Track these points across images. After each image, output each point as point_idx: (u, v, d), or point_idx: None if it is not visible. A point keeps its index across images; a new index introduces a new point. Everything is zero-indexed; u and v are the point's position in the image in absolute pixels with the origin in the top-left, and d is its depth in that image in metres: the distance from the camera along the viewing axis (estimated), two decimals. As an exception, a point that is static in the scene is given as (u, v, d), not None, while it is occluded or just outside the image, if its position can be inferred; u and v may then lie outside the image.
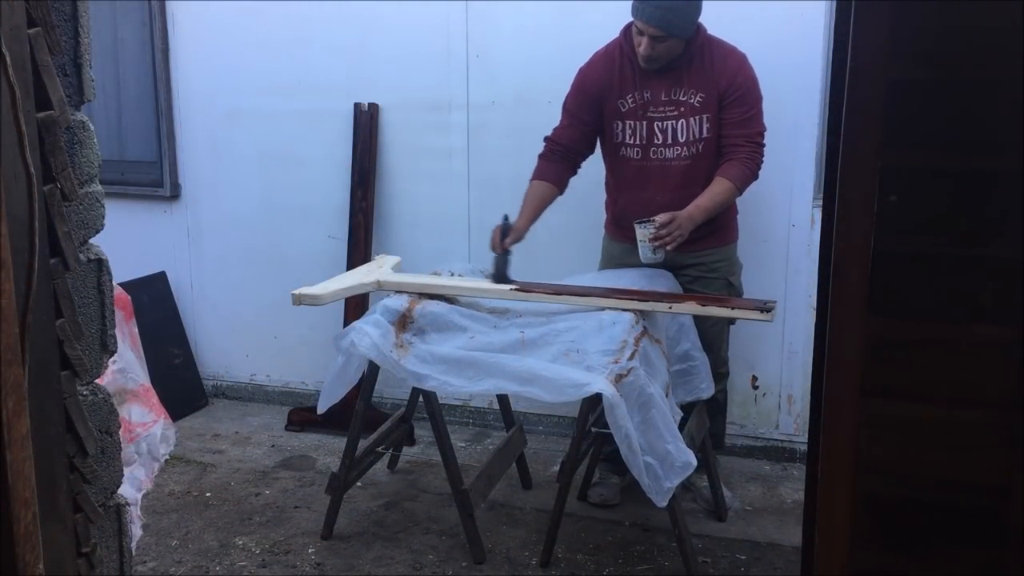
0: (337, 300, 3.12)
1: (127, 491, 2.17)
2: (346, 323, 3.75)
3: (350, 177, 3.99)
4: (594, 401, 2.72)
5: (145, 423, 2.61)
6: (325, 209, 4.08)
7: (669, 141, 3.09)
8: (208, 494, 3.43)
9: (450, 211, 3.94)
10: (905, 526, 1.30)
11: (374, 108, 3.96)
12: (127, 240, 4.03)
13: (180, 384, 4.24)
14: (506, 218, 3.09)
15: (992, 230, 1.21)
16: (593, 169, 3.33)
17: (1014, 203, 1.19)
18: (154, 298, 4.23)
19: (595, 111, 3.16)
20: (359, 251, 3.96)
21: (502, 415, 3.52)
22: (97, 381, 1.42)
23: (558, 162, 3.21)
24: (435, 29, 3.83)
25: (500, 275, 3.06)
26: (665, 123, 3.08)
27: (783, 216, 3.54)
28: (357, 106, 3.96)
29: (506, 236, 3.06)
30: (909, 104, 1.21)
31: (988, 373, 1.23)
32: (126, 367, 2.56)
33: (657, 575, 2.90)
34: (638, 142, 3.13)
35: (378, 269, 3.26)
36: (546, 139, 3.24)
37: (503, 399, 3.50)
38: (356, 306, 3.89)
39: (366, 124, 3.95)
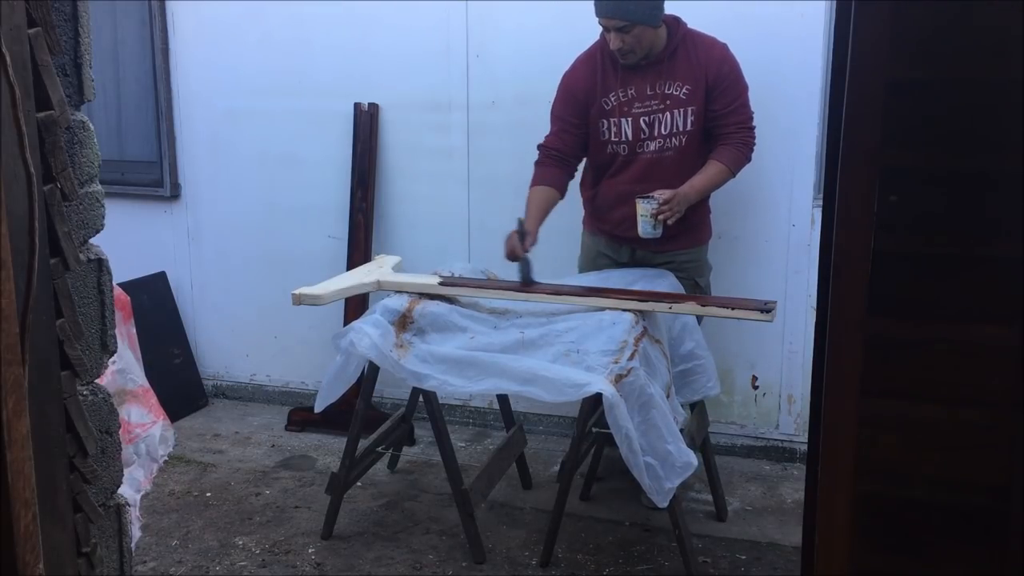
0: (337, 300, 3.12)
1: (125, 492, 2.17)
2: (346, 323, 3.74)
3: (350, 177, 3.99)
4: (594, 401, 2.73)
5: (144, 424, 2.61)
6: (325, 209, 4.08)
7: (655, 135, 3.12)
8: (208, 494, 3.43)
9: (450, 211, 3.94)
10: (905, 526, 1.30)
11: (374, 108, 3.96)
12: (127, 240, 4.03)
13: (180, 384, 4.24)
14: (521, 223, 3.06)
15: (992, 230, 1.21)
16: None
17: (1014, 203, 1.19)
18: (154, 298, 4.23)
19: (583, 114, 3.19)
20: (359, 251, 3.96)
21: (502, 415, 3.52)
22: (97, 381, 1.42)
23: (555, 167, 3.23)
24: (435, 29, 3.83)
25: (529, 278, 3.03)
26: (652, 117, 3.11)
27: (783, 216, 3.54)
28: (357, 106, 3.96)
29: (523, 240, 3.04)
30: (909, 104, 1.21)
31: (988, 373, 1.23)
32: (126, 368, 2.56)
33: (657, 575, 2.90)
34: (625, 139, 3.15)
35: (378, 269, 3.26)
36: (540, 146, 3.26)
37: (503, 399, 3.50)
38: (356, 306, 3.89)
39: (366, 124, 3.95)
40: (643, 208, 3.00)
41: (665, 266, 3.23)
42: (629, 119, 3.12)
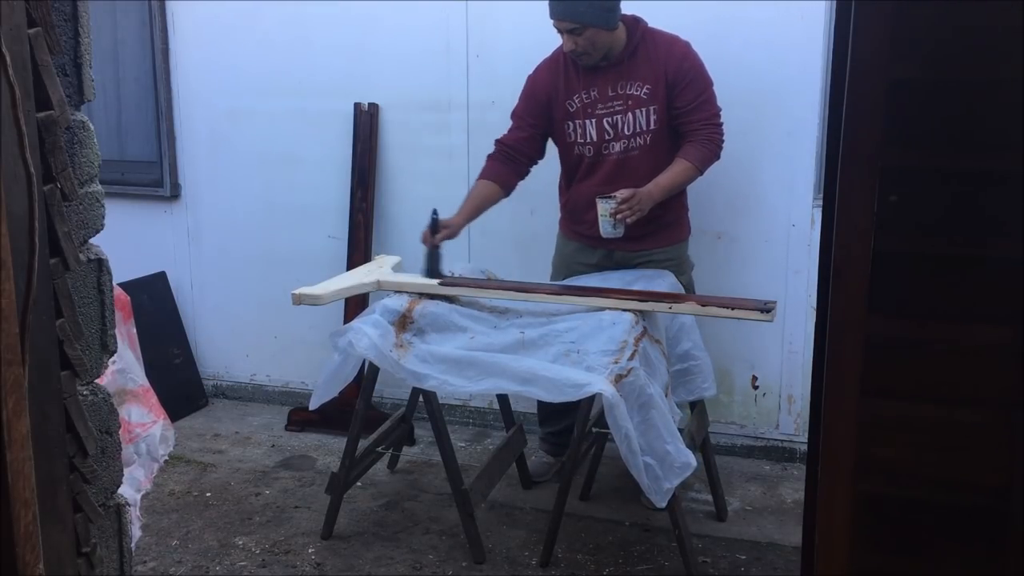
0: (337, 300, 3.12)
1: (126, 492, 2.17)
2: (346, 323, 3.74)
3: (350, 177, 3.99)
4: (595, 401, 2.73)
5: (144, 424, 2.61)
6: (325, 209, 4.08)
7: (619, 135, 3.14)
8: (208, 494, 3.43)
9: (450, 211, 3.93)
10: (905, 526, 1.30)
11: (374, 108, 3.96)
12: (127, 240, 4.03)
13: (180, 384, 4.24)
14: (435, 212, 3.13)
15: (992, 230, 1.21)
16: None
17: (1014, 203, 1.19)
18: (154, 298, 4.23)
19: (543, 115, 3.22)
20: (359, 251, 3.96)
21: (502, 415, 3.52)
22: (97, 381, 1.42)
23: (503, 163, 3.27)
24: (435, 29, 3.82)
25: (432, 270, 3.11)
26: (614, 118, 3.13)
27: (783, 216, 3.54)
28: (357, 106, 3.96)
29: (436, 232, 3.10)
30: (909, 104, 1.21)
31: (988, 373, 1.23)
32: (126, 367, 2.56)
33: (657, 575, 2.90)
34: (590, 140, 3.17)
35: (378, 269, 3.26)
36: (496, 141, 3.30)
37: (503, 399, 3.50)
38: (356, 306, 3.89)
39: (366, 124, 3.95)
40: (602, 208, 3.01)
41: (643, 266, 3.24)
42: (593, 120, 3.14)
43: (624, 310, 2.81)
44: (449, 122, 3.89)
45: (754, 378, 3.70)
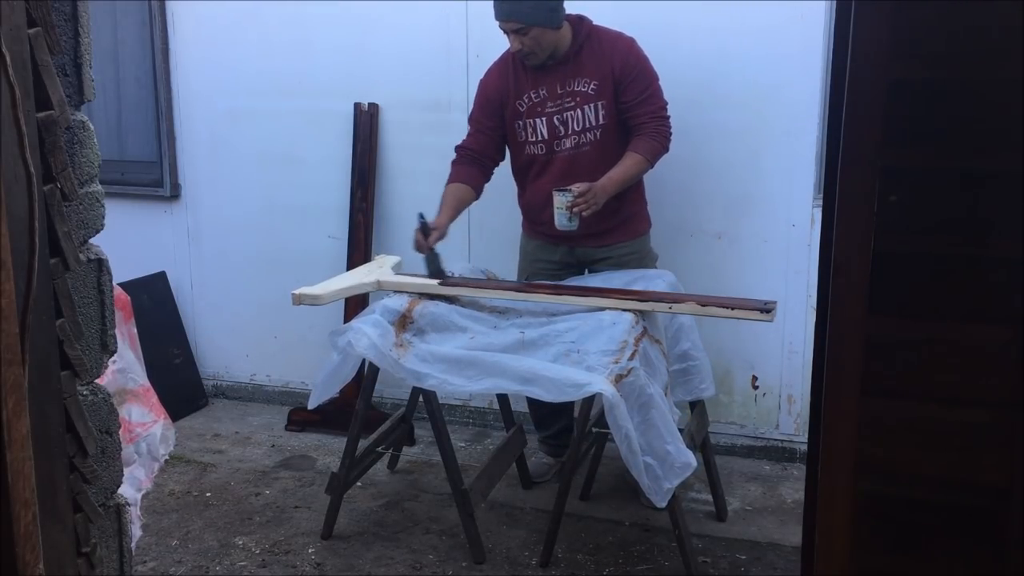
0: (337, 300, 3.13)
1: (126, 491, 2.17)
2: (346, 323, 3.74)
3: (350, 177, 3.99)
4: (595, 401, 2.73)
5: (145, 423, 2.61)
6: (325, 209, 4.08)
7: (569, 132, 3.16)
8: (208, 494, 3.43)
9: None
10: (905, 526, 1.30)
11: (374, 108, 3.96)
12: (127, 240, 4.03)
13: (180, 384, 4.24)
14: (422, 216, 3.13)
15: (992, 230, 1.21)
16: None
17: (1014, 203, 1.19)
18: (154, 298, 4.23)
19: (497, 116, 3.26)
20: (359, 251, 3.96)
21: (502, 415, 3.52)
22: (97, 381, 1.42)
23: (470, 165, 3.30)
24: (435, 29, 3.83)
25: (436, 271, 3.10)
26: (564, 115, 3.16)
27: (783, 216, 3.54)
28: (357, 106, 3.96)
29: (427, 235, 3.10)
30: (909, 104, 1.21)
31: (988, 373, 1.23)
32: (126, 367, 2.56)
33: (657, 575, 2.90)
34: (541, 139, 3.20)
35: (378, 269, 3.26)
36: (457, 148, 3.33)
37: (503, 399, 3.50)
38: (356, 306, 3.89)
39: (366, 124, 3.95)
40: (559, 201, 3.03)
41: (605, 261, 3.26)
42: (543, 119, 3.18)
43: (624, 310, 2.81)
44: (449, 122, 3.88)
45: (754, 378, 3.70)
